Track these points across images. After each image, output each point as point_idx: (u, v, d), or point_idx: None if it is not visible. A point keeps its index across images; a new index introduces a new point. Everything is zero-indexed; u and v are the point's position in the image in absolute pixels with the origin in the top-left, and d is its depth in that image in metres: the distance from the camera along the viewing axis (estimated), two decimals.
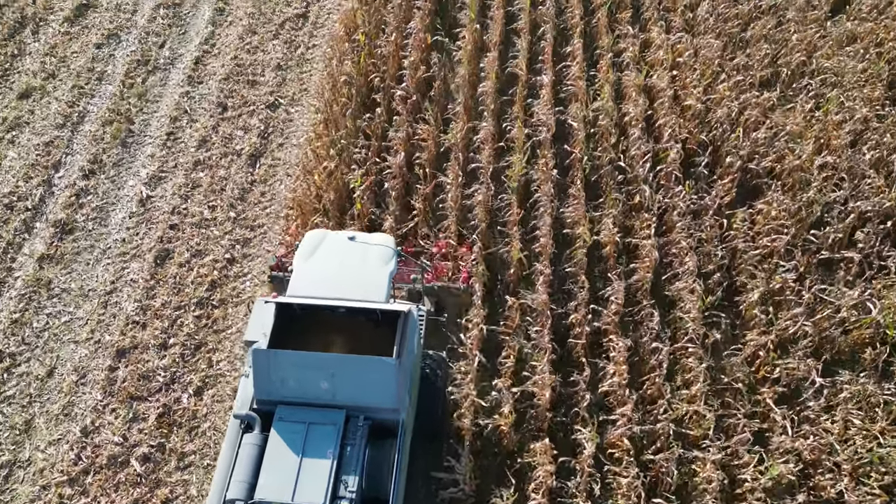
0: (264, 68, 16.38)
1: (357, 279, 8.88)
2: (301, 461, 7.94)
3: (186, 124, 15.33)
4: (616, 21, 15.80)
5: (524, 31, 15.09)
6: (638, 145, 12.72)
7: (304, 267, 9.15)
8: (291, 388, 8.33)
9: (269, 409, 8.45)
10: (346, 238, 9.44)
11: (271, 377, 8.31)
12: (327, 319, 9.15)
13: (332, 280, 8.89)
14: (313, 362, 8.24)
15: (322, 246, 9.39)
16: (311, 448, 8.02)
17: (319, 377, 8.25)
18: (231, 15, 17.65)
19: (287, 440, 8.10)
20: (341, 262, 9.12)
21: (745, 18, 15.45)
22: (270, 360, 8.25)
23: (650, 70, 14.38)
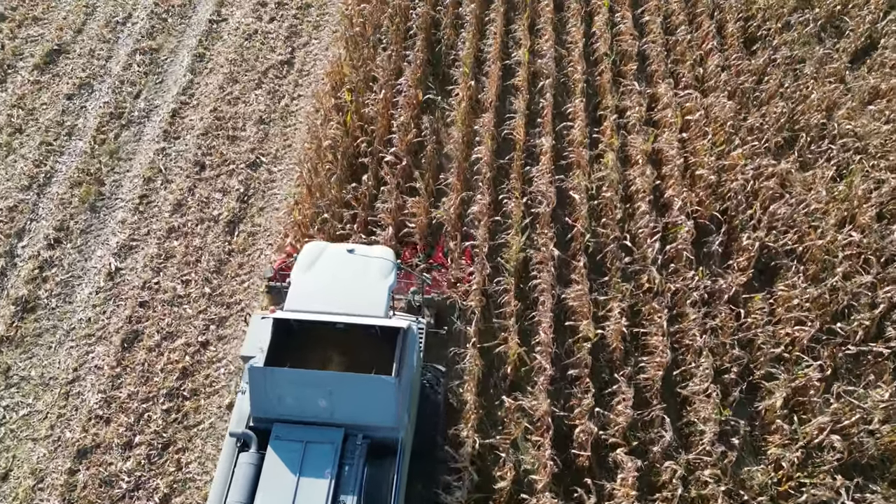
0: (245, 122, 15.47)
1: (356, 293, 8.84)
2: (298, 481, 7.81)
3: (161, 185, 14.41)
4: (620, 74, 14.91)
5: (522, 87, 14.18)
6: (645, 221, 11.80)
7: (302, 280, 9.07)
8: (289, 406, 8.20)
9: (265, 427, 8.32)
10: (345, 251, 9.38)
11: (268, 395, 8.18)
12: (325, 334, 8.94)
13: (331, 294, 8.84)
14: (311, 380, 8.10)
15: (321, 259, 9.31)
16: (308, 467, 7.90)
17: (317, 395, 8.13)
18: (211, 61, 16.75)
19: (284, 459, 7.96)
20: (340, 276, 9.06)
21: (759, 72, 14.56)
22: (267, 378, 8.11)
23: (657, 133, 13.47)
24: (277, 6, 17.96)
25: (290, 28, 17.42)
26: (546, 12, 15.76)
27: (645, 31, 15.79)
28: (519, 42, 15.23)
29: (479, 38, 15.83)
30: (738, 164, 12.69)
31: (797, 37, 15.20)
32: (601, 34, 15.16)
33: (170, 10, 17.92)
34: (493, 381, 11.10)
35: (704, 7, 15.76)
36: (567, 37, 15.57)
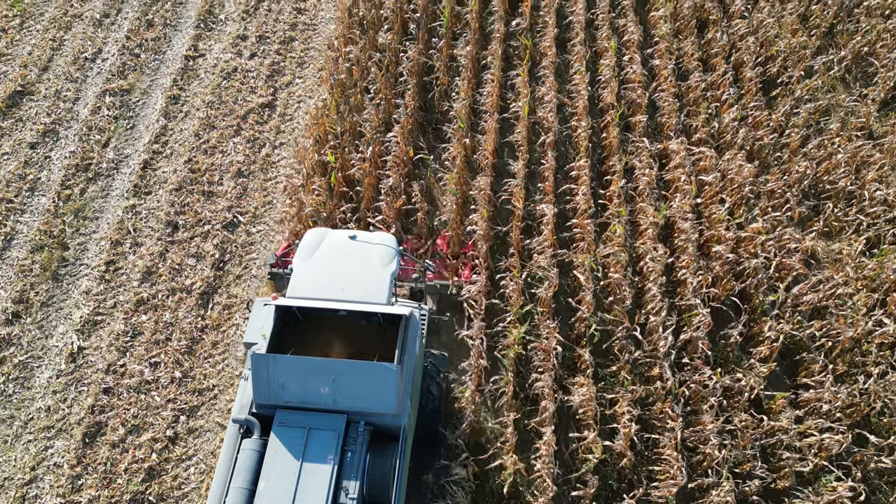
0: (223, 174, 14.44)
1: (358, 280, 8.87)
2: (301, 467, 7.89)
3: (129, 249, 13.42)
4: (628, 127, 13.87)
5: (521, 145, 13.13)
6: (657, 306, 10.82)
7: (304, 266, 9.10)
8: (291, 393, 8.27)
9: (268, 413, 8.39)
10: (347, 237, 9.41)
11: (271, 382, 8.25)
12: (328, 320, 9.09)
13: (333, 280, 8.87)
14: (314, 367, 8.16)
15: (323, 245, 9.35)
16: (311, 453, 7.99)
17: (320, 382, 8.19)
18: (187, 104, 15.69)
19: (287, 445, 8.05)
20: (342, 263, 9.09)
21: (779, 127, 13.52)
22: (270, 365, 8.19)
23: (669, 202, 12.45)
24: (259, 40, 16.88)
25: (271, 66, 16.34)
26: (548, 55, 14.68)
27: (655, 75, 14.74)
28: (518, 91, 14.15)
29: (474, 84, 14.77)
30: (757, 236, 11.69)
31: (821, 84, 14.14)
32: (607, 81, 14.10)
33: (143, 45, 16.83)
34: (487, 493, 10.19)
35: (719, 49, 14.68)
36: (571, 85, 14.52)
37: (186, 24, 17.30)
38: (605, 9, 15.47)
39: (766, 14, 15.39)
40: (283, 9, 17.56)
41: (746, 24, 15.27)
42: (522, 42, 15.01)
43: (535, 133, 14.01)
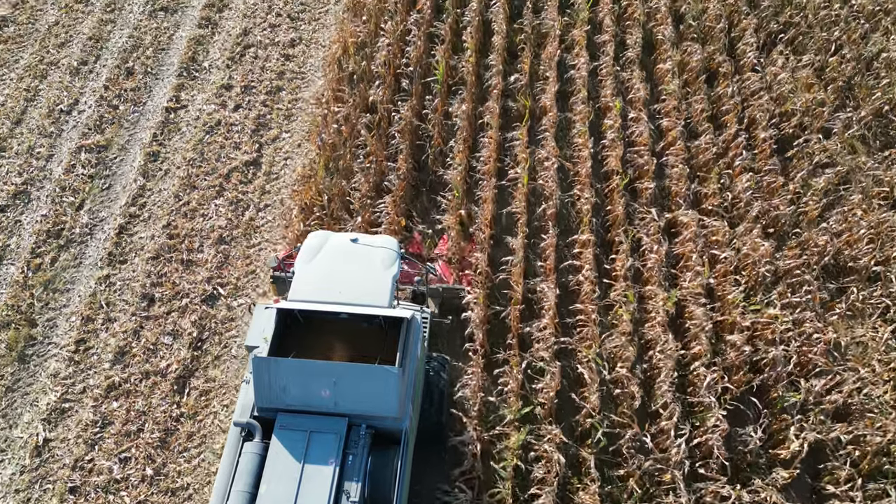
0: (203, 241, 13.67)
1: (360, 283, 8.93)
2: (303, 470, 7.92)
3: (102, 326, 12.64)
4: (635, 194, 13.10)
5: (520, 217, 12.36)
6: (669, 412, 10.02)
7: (306, 269, 9.16)
8: (293, 396, 8.31)
9: (270, 416, 8.44)
10: (348, 240, 9.47)
11: (272, 385, 8.29)
12: (329, 323, 9.15)
13: (335, 283, 8.93)
14: (315, 370, 8.19)
15: (324, 248, 9.41)
16: (312, 456, 8.02)
17: (321, 385, 8.24)
18: (167, 161, 14.93)
19: (288, 448, 8.09)
20: (344, 265, 9.15)
21: (795, 197, 12.76)
22: (271, 368, 8.22)
23: (680, 280, 11.67)
24: (244, 90, 16.12)
25: (257, 119, 15.59)
26: (548, 113, 13.92)
27: (663, 133, 13.98)
28: (517, 155, 13.38)
29: (470, 145, 14.00)
30: (774, 322, 10.91)
31: (839, 147, 13.37)
32: (612, 144, 13.34)
33: (122, 95, 16.08)
34: None
35: (731, 106, 13.92)
36: (573, 150, 13.75)
37: (168, 73, 16.56)
38: (608, 61, 14.71)
39: (779, 66, 14.63)
40: (270, 55, 16.82)
41: (759, 77, 14.51)
42: (521, 101, 14.23)
43: (535, 194, 13.23)
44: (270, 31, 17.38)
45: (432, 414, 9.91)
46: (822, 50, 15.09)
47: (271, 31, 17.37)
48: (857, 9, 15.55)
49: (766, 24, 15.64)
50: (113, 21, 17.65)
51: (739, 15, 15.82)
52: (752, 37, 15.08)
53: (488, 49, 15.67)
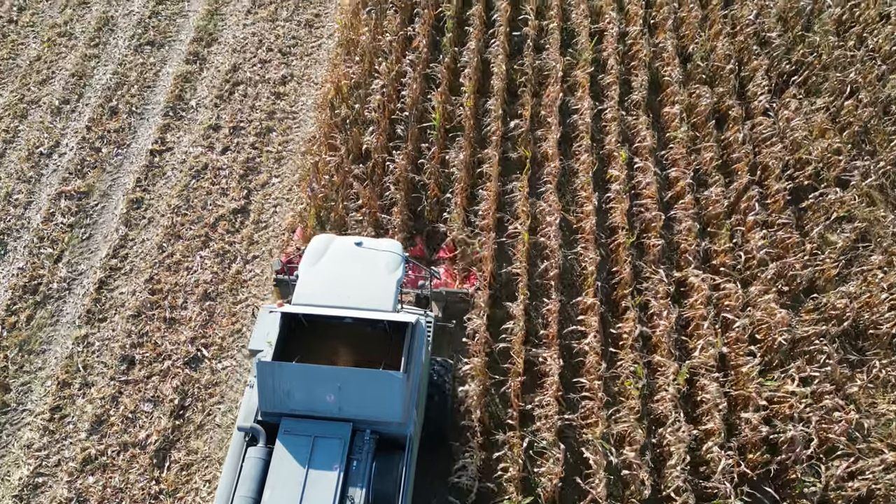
0: (187, 297, 13.05)
1: (364, 286, 8.93)
2: (307, 475, 7.91)
3: (79, 391, 12.02)
4: (642, 250, 12.48)
5: (521, 280, 11.73)
6: (682, 498, 9.38)
7: (310, 273, 9.17)
8: (297, 401, 8.32)
9: (274, 421, 8.45)
10: (353, 243, 9.51)
11: (276, 389, 8.30)
12: (333, 327, 9.20)
13: (339, 287, 8.93)
14: (319, 375, 8.21)
15: (329, 251, 9.44)
16: (316, 461, 8.01)
17: (325, 390, 8.23)
18: (150, 209, 14.32)
19: (292, 453, 8.08)
20: (348, 269, 9.16)
21: (812, 255, 12.13)
22: (275, 373, 8.22)
23: (690, 350, 11.05)
24: (232, 132, 15.52)
25: (246, 162, 14.98)
26: (550, 163, 13.31)
27: (671, 183, 13.36)
28: (517, 209, 12.77)
29: (468, 195, 13.39)
30: (792, 398, 10.28)
31: (857, 199, 12.76)
32: (618, 197, 12.72)
33: (105, 137, 15.48)
34: None
35: (743, 154, 13.32)
36: (576, 204, 13.13)
37: (154, 112, 15.96)
38: (613, 105, 14.10)
39: (792, 110, 14.02)
40: (261, 93, 16.22)
41: (771, 123, 13.89)
42: (522, 151, 13.62)
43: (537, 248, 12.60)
44: (261, 66, 16.78)
45: (435, 418, 9.93)
46: (837, 92, 14.48)
47: (262, 66, 16.78)
48: (873, 49, 14.95)
49: (778, 64, 15.04)
50: (97, 56, 17.06)
51: (749, 54, 15.22)
52: (763, 78, 14.47)
53: (487, 90, 15.08)
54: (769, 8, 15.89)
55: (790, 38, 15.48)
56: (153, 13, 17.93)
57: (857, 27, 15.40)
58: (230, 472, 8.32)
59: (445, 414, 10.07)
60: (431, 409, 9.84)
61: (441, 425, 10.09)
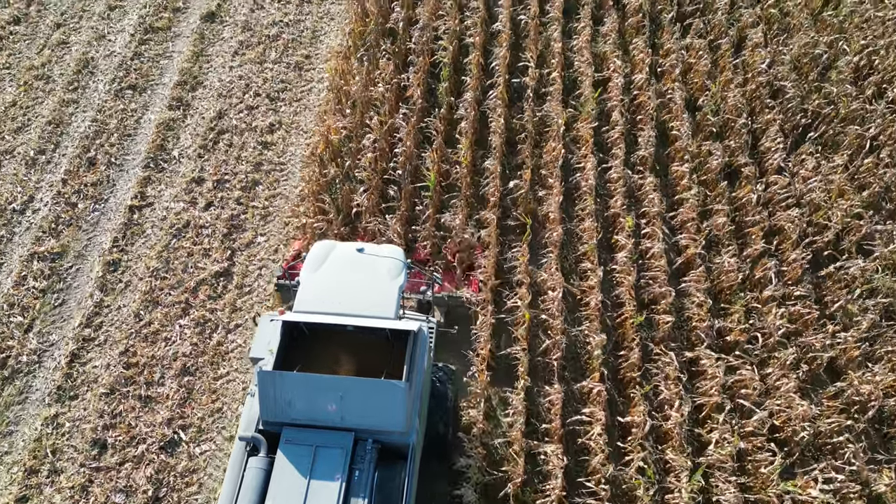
0: (164, 372, 12.29)
1: (366, 293, 8.92)
2: (308, 485, 7.86)
3: (47, 479, 11.25)
4: (651, 324, 11.73)
5: (521, 366, 10.97)
6: None
7: (311, 280, 9.16)
8: (298, 410, 8.26)
9: (275, 430, 8.39)
10: (354, 250, 9.48)
11: (277, 399, 8.24)
12: (335, 334, 9.11)
13: (341, 294, 8.93)
14: (321, 384, 8.16)
15: (330, 258, 9.41)
16: (318, 471, 7.96)
17: (327, 399, 8.18)
18: (128, 272, 13.56)
19: (294, 463, 8.04)
20: (350, 276, 9.15)
21: (833, 335, 11.38)
22: (277, 382, 8.17)
23: (705, 446, 10.28)
24: (217, 185, 14.76)
25: (230, 220, 14.22)
26: (552, 232, 12.55)
27: (681, 250, 12.61)
28: (518, 282, 12.01)
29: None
30: (815, 501, 9.52)
31: (880, 271, 12.01)
32: (624, 270, 11.97)
33: (81, 191, 14.72)
34: None
35: (756, 217, 12.58)
36: (579, 278, 12.37)
37: (134, 163, 15.21)
38: (618, 164, 13.36)
39: (809, 169, 13.28)
40: (247, 143, 15.47)
41: (787, 184, 13.15)
42: (522, 217, 12.87)
43: (537, 322, 11.85)
44: (247, 113, 16.03)
45: (437, 426, 9.86)
46: (856, 147, 13.75)
47: (248, 113, 16.03)
48: (893, 101, 14.22)
49: (792, 116, 14.30)
50: (76, 101, 16.32)
51: (762, 105, 14.48)
52: (777, 133, 13.74)
53: (485, 142, 14.34)
54: (782, 54, 15.16)
55: (805, 87, 14.75)
56: (136, 54, 17.19)
57: (876, 76, 14.68)
58: (231, 483, 8.24)
59: (447, 422, 10.04)
60: (433, 416, 9.79)
61: (443, 433, 10.02)
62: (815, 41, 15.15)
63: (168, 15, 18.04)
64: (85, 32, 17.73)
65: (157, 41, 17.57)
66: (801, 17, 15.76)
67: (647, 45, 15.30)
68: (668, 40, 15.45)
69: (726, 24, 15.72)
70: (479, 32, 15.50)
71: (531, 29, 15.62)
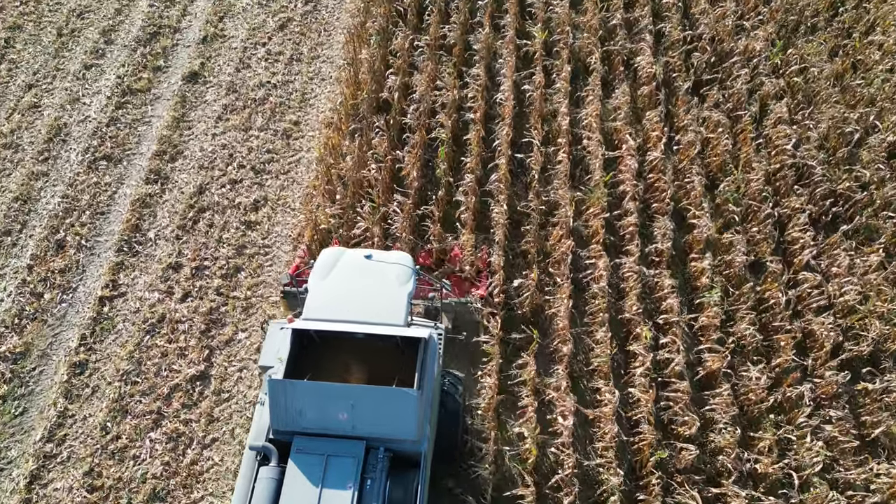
0: (132, 497, 11.18)
1: (375, 300, 8.88)
2: (320, 495, 7.82)
3: None
4: (673, 450, 10.62)
5: None
6: None
7: (319, 287, 9.13)
8: (309, 419, 8.24)
9: (286, 439, 8.35)
10: (362, 256, 9.46)
11: (288, 408, 8.21)
12: (345, 341, 9.13)
13: (349, 301, 8.90)
14: (332, 393, 8.12)
15: (338, 265, 9.39)
16: (330, 481, 7.92)
17: (338, 408, 8.15)
18: (95, 374, 12.48)
19: (305, 473, 7.99)
20: (358, 283, 9.11)
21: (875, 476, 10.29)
22: (287, 391, 8.15)
23: None
24: (195, 273, 13.67)
25: (209, 313, 13.13)
26: (562, 343, 11.45)
27: (702, 361, 11.52)
28: (524, 409, 10.90)
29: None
30: None
31: None
32: (641, 388, 10.87)
33: (48, 279, 13.64)
34: None
35: (786, 324, 11.50)
36: (592, 398, 11.28)
37: (106, 246, 14.13)
38: (633, 262, 12.26)
39: (844, 268, 12.19)
40: (229, 222, 14.40)
41: (817, 283, 12.07)
42: (529, 330, 11.78)
43: (545, 450, 10.75)
44: (230, 188, 14.96)
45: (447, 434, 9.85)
46: (891, 237, 12.68)
47: (231, 188, 14.96)
48: None
49: (821, 201, 13.24)
50: (46, 174, 15.25)
51: (787, 184, 13.42)
52: (805, 223, 12.67)
53: (487, 226, 13.27)
54: (808, 129, 14.09)
55: (834, 169, 13.68)
56: (112, 119, 16.12)
57: None
58: (242, 493, 8.20)
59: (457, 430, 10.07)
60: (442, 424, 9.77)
61: (453, 442, 10.07)
62: (843, 115, 14.08)
63: (148, 75, 16.98)
64: (58, 94, 16.67)
65: (136, 104, 16.50)
66: (826, 86, 14.71)
67: (661, 120, 14.25)
68: (684, 117, 14.37)
69: (747, 94, 14.66)
70: (479, 106, 14.44)
71: (536, 99, 14.56)
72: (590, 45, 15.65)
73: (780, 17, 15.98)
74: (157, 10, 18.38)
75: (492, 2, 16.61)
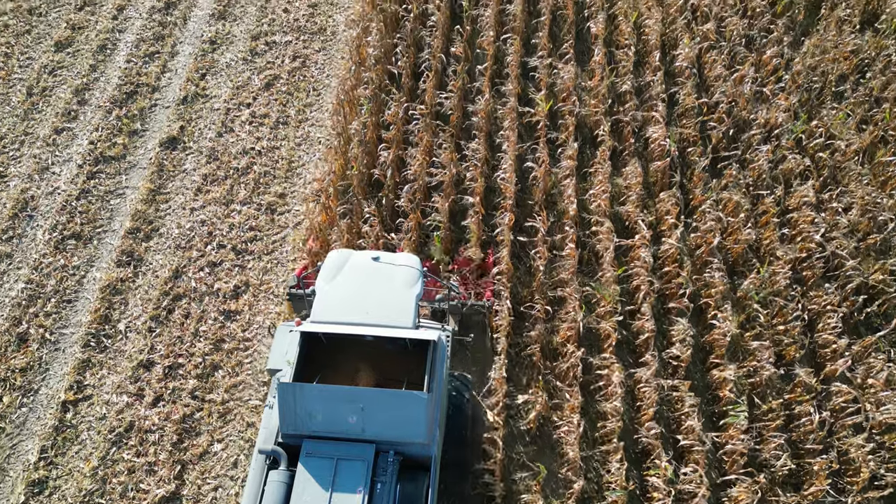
0: None
1: (383, 302, 8.89)
2: (330, 498, 7.82)
3: None
4: None
5: None
6: None
7: (327, 289, 9.12)
8: (319, 423, 8.22)
9: (295, 443, 8.36)
10: (370, 258, 9.44)
11: (297, 411, 8.19)
12: (353, 344, 9.16)
13: (357, 303, 8.90)
14: (341, 396, 8.10)
15: (346, 267, 9.37)
16: (340, 484, 7.91)
17: (348, 411, 8.13)
18: (55, 494, 11.36)
19: (315, 476, 8.00)
20: (366, 285, 9.10)
21: None
22: (297, 394, 8.13)
23: None
24: (168, 373, 12.56)
25: (182, 421, 12.05)
26: (570, 482, 10.35)
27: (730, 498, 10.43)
28: None
29: None
30: None
31: None
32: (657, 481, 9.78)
33: (7, 380, 12.56)
34: None
35: (818, 448, 10.41)
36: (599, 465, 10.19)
37: (72, 340, 13.03)
38: (650, 374, 11.16)
39: (882, 380, 11.10)
40: (207, 312, 13.29)
41: (852, 398, 10.99)
42: (535, 467, 10.67)
43: None
44: (209, 272, 13.85)
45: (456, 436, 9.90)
46: None
47: (210, 272, 13.85)
48: None
49: (853, 295, 12.17)
50: (9, 256, 14.14)
51: (815, 275, 12.34)
52: (836, 323, 11.60)
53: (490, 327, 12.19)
54: (837, 213, 13.02)
55: (865, 257, 12.61)
56: (82, 192, 15.02)
57: None
58: (251, 497, 8.20)
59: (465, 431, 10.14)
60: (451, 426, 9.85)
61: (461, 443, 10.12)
62: (874, 199, 13.01)
63: (123, 140, 15.88)
64: (26, 163, 15.57)
65: (109, 173, 15.40)
66: (855, 161, 13.64)
67: (677, 203, 13.17)
68: (701, 198, 13.30)
69: (769, 172, 13.59)
70: (479, 185, 13.36)
71: (540, 178, 13.48)
72: (597, 114, 14.57)
73: (804, 82, 14.91)
74: (134, 66, 17.29)
75: (492, 65, 15.52)
